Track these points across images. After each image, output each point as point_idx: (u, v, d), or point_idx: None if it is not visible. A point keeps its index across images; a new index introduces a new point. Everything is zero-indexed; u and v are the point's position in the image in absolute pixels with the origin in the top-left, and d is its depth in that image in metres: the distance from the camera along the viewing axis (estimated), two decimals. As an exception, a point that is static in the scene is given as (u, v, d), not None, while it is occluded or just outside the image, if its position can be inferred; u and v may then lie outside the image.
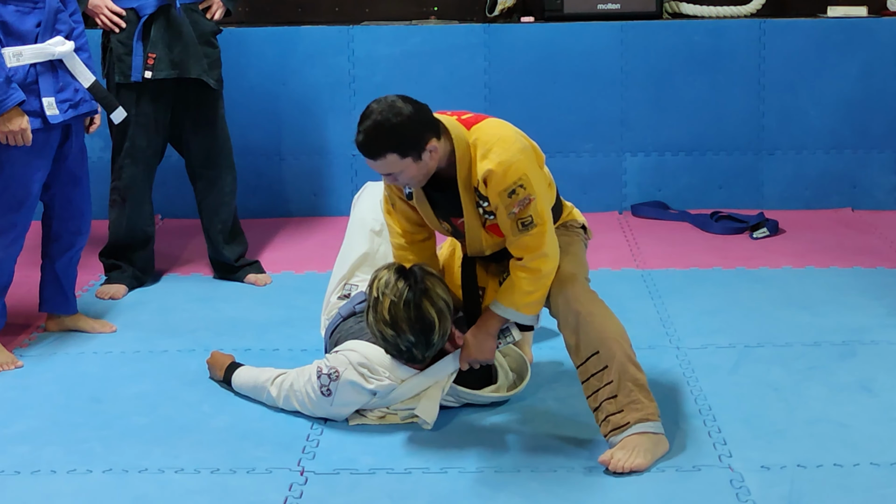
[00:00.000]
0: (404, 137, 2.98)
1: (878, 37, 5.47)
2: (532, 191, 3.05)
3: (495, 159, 3.03)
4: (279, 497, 2.90)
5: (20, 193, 3.73)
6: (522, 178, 3.04)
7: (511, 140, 3.08)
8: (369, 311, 3.20)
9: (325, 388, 3.24)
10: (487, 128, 3.11)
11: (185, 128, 4.56)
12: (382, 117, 2.98)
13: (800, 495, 2.86)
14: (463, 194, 3.13)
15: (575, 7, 5.52)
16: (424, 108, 3.06)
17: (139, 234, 4.56)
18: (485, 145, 3.06)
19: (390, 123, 2.97)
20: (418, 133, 3.00)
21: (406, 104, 3.01)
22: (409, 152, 3.00)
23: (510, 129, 3.14)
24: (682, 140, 5.58)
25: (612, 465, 2.98)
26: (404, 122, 2.98)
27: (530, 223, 3.07)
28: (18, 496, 2.94)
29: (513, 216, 3.06)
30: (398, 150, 2.98)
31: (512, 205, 3.05)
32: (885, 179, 5.59)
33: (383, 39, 5.49)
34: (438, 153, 3.05)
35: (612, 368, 3.08)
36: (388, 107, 2.99)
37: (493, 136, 3.08)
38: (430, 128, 3.04)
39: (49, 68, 3.71)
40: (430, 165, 3.05)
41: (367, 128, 2.99)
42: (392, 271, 3.20)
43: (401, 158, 3.00)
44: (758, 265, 4.75)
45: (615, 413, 3.06)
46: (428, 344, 3.18)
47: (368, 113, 3.01)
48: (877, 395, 3.45)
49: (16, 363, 3.77)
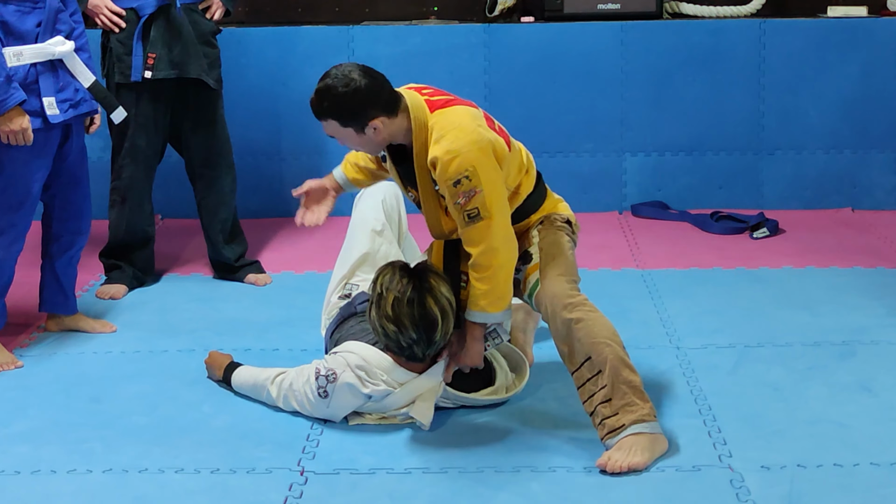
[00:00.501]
0: (346, 109, 3.07)
1: (878, 37, 5.47)
2: (478, 183, 3.06)
3: (444, 146, 3.06)
4: (279, 497, 2.90)
5: (20, 193, 3.73)
6: (469, 169, 3.05)
7: (467, 130, 3.09)
8: (372, 307, 3.19)
9: (323, 389, 3.24)
10: (449, 114, 3.14)
11: (185, 128, 4.56)
12: (332, 83, 3.08)
13: (800, 495, 2.86)
14: (419, 172, 3.19)
15: (575, 7, 5.53)
16: (381, 83, 3.11)
17: (139, 234, 4.56)
18: (440, 131, 3.10)
19: (336, 92, 3.06)
20: (362, 108, 3.07)
21: (363, 77, 3.08)
22: (350, 123, 3.09)
23: (472, 119, 3.14)
24: (682, 140, 5.58)
25: (610, 465, 2.98)
26: (350, 94, 3.06)
27: (476, 216, 3.08)
28: (18, 496, 2.94)
29: (458, 206, 3.09)
30: (339, 118, 3.09)
31: (457, 195, 3.07)
32: (885, 179, 5.59)
33: (383, 39, 5.49)
34: (382, 132, 3.12)
35: (605, 373, 3.07)
36: (343, 75, 3.08)
37: (450, 124, 3.10)
38: (380, 105, 3.09)
39: (49, 68, 3.71)
40: (375, 140, 3.13)
41: (318, 89, 3.11)
42: (397, 268, 3.20)
43: (341, 126, 3.11)
44: (758, 265, 4.75)
45: (610, 416, 3.06)
46: (430, 342, 3.18)
47: (325, 75, 3.11)
48: (877, 395, 3.45)
49: (16, 363, 3.77)
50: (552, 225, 3.34)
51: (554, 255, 3.25)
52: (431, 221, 3.29)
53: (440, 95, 3.21)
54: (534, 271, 3.25)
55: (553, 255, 3.25)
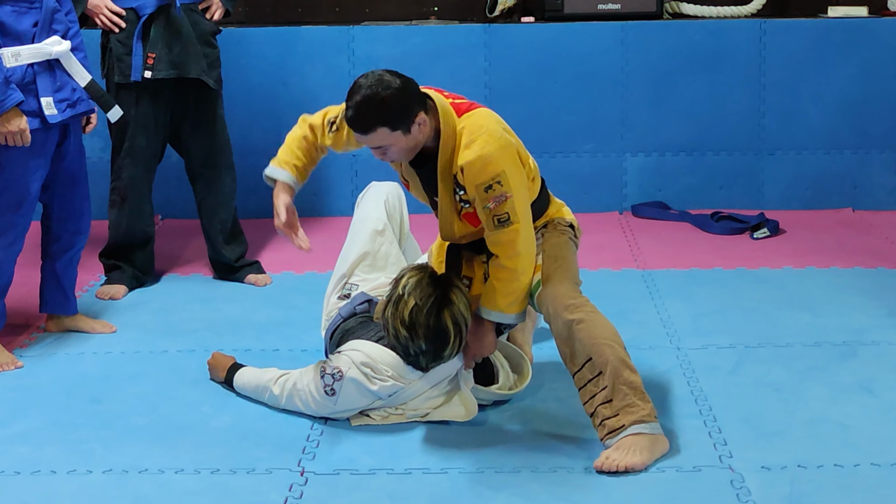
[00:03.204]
0: (394, 110, 3.02)
1: (878, 37, 5.47)
2: (509, 188, 3.07)
3: (477, 151, 3.06)
4: (279, 497, 2.90)
5: (20, 193, 3.73)
6: (500, 174, 3.06)
7: (496, 135, 3.10)
8: (389, 305, 3.17)
9: (329, 387, 3.23)
10: (477, 118, 3.13)
11: (185, 128, 4.56)
12: (372, 91, 3.02)
13: (800, 496, 2.85)
14: (441, 175, 3.16)
15: (575, 7, 5.53)
16: (412, 81, 3.09)
17: (139, 235, 4.56)
18: (470, 135, 3.09)
19: (380, 97, 3.01)
20: (407, 106, 3.04)
21: (394, 77, 3.05)
22: (399, 125, 3.04)
23: (497, 122, 3.16)
24: (682, 140, 5.58)
25: (607, 465, 2.98)
26: (393, 95, 3.02)
27: (506, 220, 3.09)
28: (18, 496, 2.93)
29: (487, 210, 3.09)
30: (388, 123, 3.02)
31: (488, 199, 3.07)
32: (885, 179, 5.59)
33: (383, 39, 5.49)
34: (427, 126, 3.09)
35: (605, 374, 3.07)
36: (376, 81, 3.03)
37: (479, 129, 3.09)
38: (419, 101, 3.07)
39: (46, 68, 3.70)
40: (418, 139, 3.10)
41: (356, 103, 3.02)
42: (425, 275, 3.17)
43: (391, 132, 3.04)
44: (758, 265, 4.75)
45: (610, 417, 3.06)
46: (437, 356, 3.18)
47: (357, 88, 3.04)
48: (877, 395, 3.44)
49: (16, 363, 3.77)
50: (555, 229, 3.35)
51: (556, 258, 3.25)
52: (444, 225, 3.28)
53: (460, 99, 3.21)
54: (536, 272, 3.25)
55: (555, 258, 3.25)
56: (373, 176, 5.08)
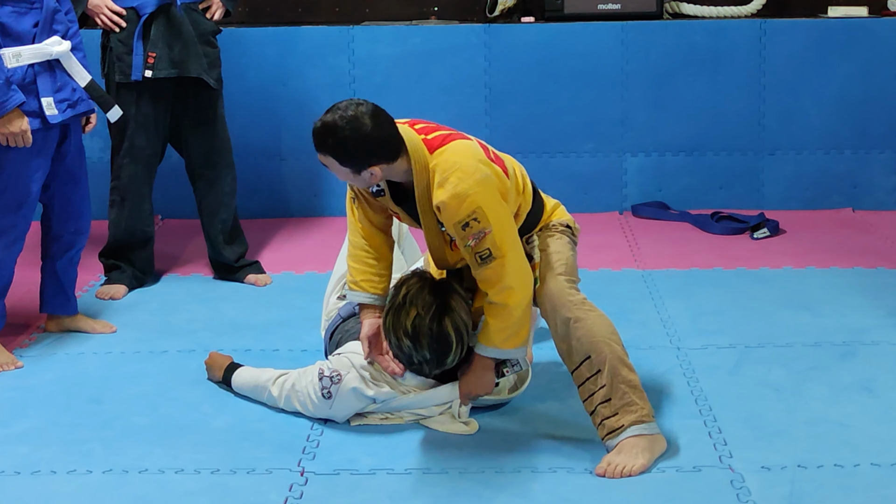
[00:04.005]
0: (347, 151, 2.96)
1: (878, 37, 5.47)
2: (487, 224, 2.99)
3: (450, 190, 2.98)
4: (279, 497, 2.90)
5: (20, 194, 3.73)
6: (477, 210, 2.98)
7: (469, 170, 3.00)
8: (391, 313, 3.15)
9: (326, 390, 3.24)
10: (449, 154, 3.04)
11: (185, 127, 4.56)
12: (339, 122, 2.95)
13: (800, 496, 2.85)
14: (423, 212, 3.11)
15: (575, 7, 5.53)
16: (388, 131, 2.99)
17: (138, 234, 4.56)
18: (442, 173, 3.01)
19: (342, 133, 2.95)
20: (363, 154, 2.97)
21: (371, 121, 2.96)
22: (348, 164, 2.99)
23: (472, 156, 3.05)
24: (682, 140, 5.58)
25: (609, 471, 2.98)
26: (354, 139, 2.94)
27: (488, 256, 3.02)
28: (18, 496, 2.93)
29: (469, 249, 3.03)
30: (337, 158, 2.98)
31: (467, 237, 3.01)
32: (885, 179, 5.59)
33: (383, 39, 5.49)
34: (379, 176, 3.01)
35: (604, 372, 3.07)
36: (350, 115, 2.95)
37: (452, 166, 3.01)
38: (382, 153, 2.99)
39: (47, 68, 3.70)
40: (369, 182, 3.03)
41: (323, 122, 2.98)
42: (426, 283, 3.15)
43: (340, 165, 2.99)
44: (758, 265, 4.75)
45: (610, 417, 3.06)
46: (440, 364, 3.17)
47: (334, 108, 2.99)
48: (877, 395, 3.44)
49: (16, 363, 3.77)
50: (552, 231, 3.34)
51: (554, 256, 3.25)
52: (437, 256, 3.26)
53: (435, 132, 3.11)
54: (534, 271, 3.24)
55: (553, 256, 3.24)
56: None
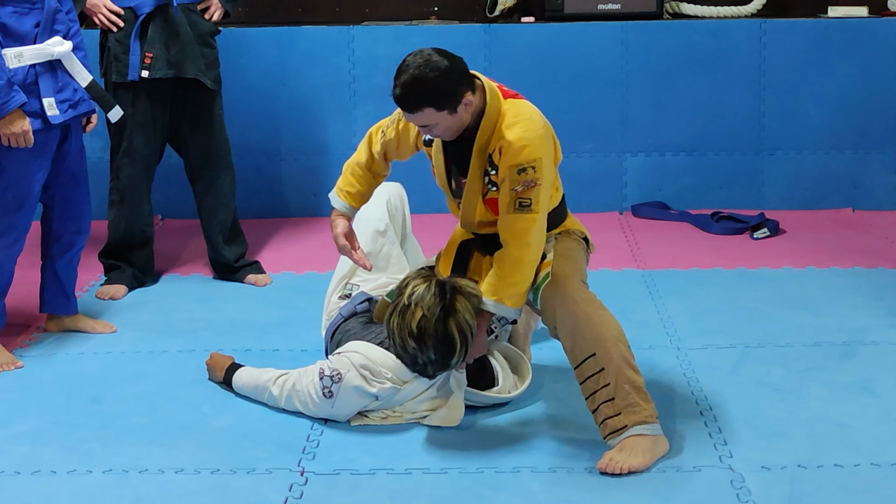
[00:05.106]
0: (441, 91, 3.04)
1: (878, 37, 5.47)
2: (540, 176, 3.09)
3: (518, 133, 3.10)
4: (279, 497, 2.90)
5: (21, 194, 3.73)
6: (536, 160, 3.09)
7: (538, 124, 3.15)
8: (395, 314, 3.15)
9: (328, 389, 3.23)
10: (521, 105, 3.18)
11: (184, 128, 4.56)
12: (419, 72, 3.03)
13: (800, 496, 2.85)
14: (474, 156, 3.18)
15: (575, 7, 5.52)
16: (460, 61, 3.11)
17: (138, 234, 4.55)
18: (513, 118, 3.13)
19: (427, 77, 3.02)
20: (454, 87, 3.05)
21: (442, 58, 3.06)
22: (445, 106, 3.05)
23: (541, 116, 3.19)
24: (682, 140, 5.58)
25: (610, 466, 2.98)
26: (440, 77, 3.03)
27: (528, 206, 3.10)
28: (18, 496, 2.93)
29: (514, 193, 3.10)
30: (435, 104, 3.04)
31: (518, 182, 3.09)
32: (885, 179, 5.59)
33: (383, 39, 5.49)
34: (473, 106, 3.11)
35: (608, 371, 3.07)
36: (424, 61, 3.04)
37: (523, 115, 3.14)
38: (466, 82, 3.09)
39: (48, 68, 3.70)
40: (464, 118, 3.12)
41: (404, 82, 3.04)
42: (432, 283, 3.15)
43: (437, 112, 3.06)
44: (758, 265, 4.75)
45: (613, 416, 3.06)
46: (444, 365, 3.17)
47: (405, 67, 3.06)
48: (877, 395, 3.44)
49: (16, 363, 3.77)
50: (569, 236, 3.38)
51: (567, 257, 3.26)
52: (467, 208, 3.28)
53: (504, 87, 3.23)
54: (546, 267, 3.25)
55: (567, 256, 3.26)
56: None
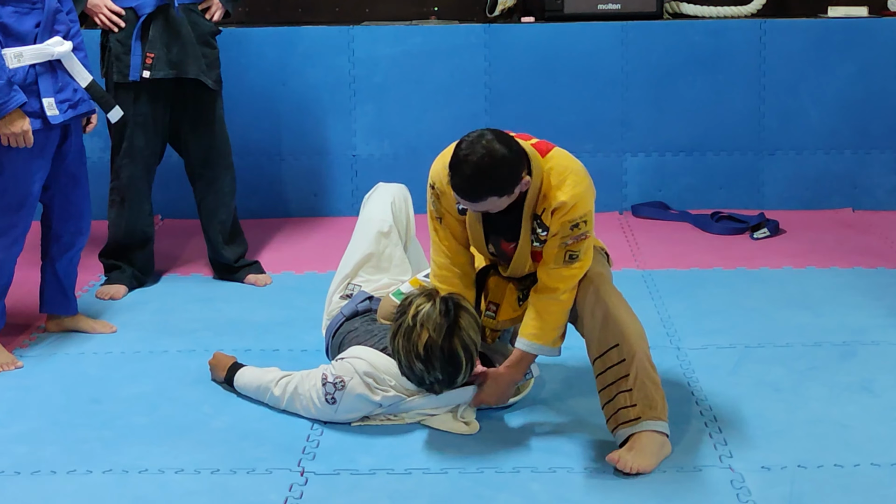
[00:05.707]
0: (503, 180, 3.00)
1: (878, 37, 5.47)
2: (590, 228, 3.12)
3: (569, 191, 3.07)
4: (279, 497, 2.90)
5: (21, 194, 3.73)
6: (587, 214, 3.10)
7: (582, 174, 3.13)
8: (401, 335, 3.13)
9: (330, 396, 3.23)
10: (560, 158, 3.13)
11: (184, 128, 4.56)
12: (483, 162, 2.97)
13: (800, 496, 2.85)
14: (525, 221, 3.15)
15: (575, 7, 5.52)
16: (515, 143, 3.05)
17: (138, 234, 4.55)
18: (559, 176, 3.09)
19: (490, 169, 2.97)
20: (515, 174, 3.02)
21: (500, 145, 2.99)
22: (506, 192, 3.02)
23: (577, 161, 3.17)
24: (682, 140, 5.58)
25: (621, 464, 2.99)
26: (502, 166, 2.98)
27: (576, 258, 3.12)
28: (18, 496, 2.93)
29: (564, 247, 3.11)
30: (497, 192, 3.01)
31: (570, 236, 3.10)
32: (885, 179, 5.59)
33: (383, 39, 5.49)
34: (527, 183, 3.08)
35: (630, 363, 3.09)
36: (484, 152, 2.97)
37: (567, 168, 3.11)
38: (523, 165, 3.05)
39: (48, 68, 3.70)
40: (516, 196, 3.08)
41: (467, 175, 2.98)
42: (437, 303, 3.13)
43: (499, 198, 3.03)
44: (758, 265, 4.75)
45: (628, 406, 3.08)
46: (451, 384, 3.19)
47: (464, 157, 2.98)
48: (877, 395, 3.44)
49: (16, 363, 3.77)
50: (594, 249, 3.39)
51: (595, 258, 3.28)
52: (518, 265, 3.24)
53: (531, 139, 3.19)
54: None
55: (599, 262, 3.30)
56: (373, 176, 5.09)
